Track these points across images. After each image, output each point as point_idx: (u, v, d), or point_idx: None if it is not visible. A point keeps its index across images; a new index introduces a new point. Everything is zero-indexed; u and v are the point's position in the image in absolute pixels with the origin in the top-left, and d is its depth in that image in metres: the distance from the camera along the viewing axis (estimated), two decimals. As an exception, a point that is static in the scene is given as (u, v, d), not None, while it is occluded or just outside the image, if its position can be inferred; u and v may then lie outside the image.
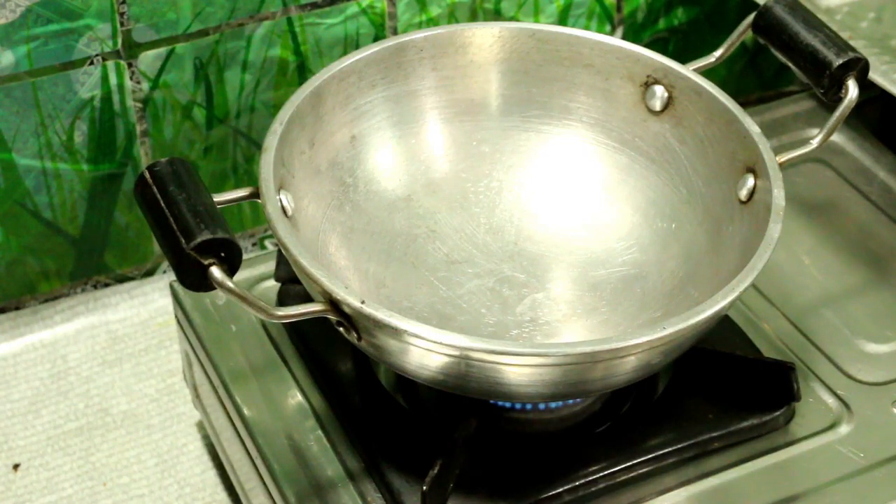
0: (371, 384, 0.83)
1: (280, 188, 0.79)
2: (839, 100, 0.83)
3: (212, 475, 0.95)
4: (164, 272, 1.06)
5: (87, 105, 0.97)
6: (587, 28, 1.08)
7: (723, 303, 0.72)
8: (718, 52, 0.89)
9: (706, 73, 0.88)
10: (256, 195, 0.78)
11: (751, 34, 0.88)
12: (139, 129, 0.99)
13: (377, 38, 1.03)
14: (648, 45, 0.96)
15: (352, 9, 1.01)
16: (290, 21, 0.99)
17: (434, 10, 1.04)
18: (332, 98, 0.86)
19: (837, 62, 0.83)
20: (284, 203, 0.79)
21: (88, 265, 1.04)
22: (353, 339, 0.74)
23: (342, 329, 0.74)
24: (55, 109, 0.96)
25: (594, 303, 0.85)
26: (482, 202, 0.90)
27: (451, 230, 0.88)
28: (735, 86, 1.18)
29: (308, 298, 0.76)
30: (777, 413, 0.82)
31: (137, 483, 0.94)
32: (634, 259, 0.87)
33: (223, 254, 0.70)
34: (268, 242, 1.09)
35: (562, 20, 1.08)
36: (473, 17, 1.05)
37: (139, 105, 0.98)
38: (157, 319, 1.04)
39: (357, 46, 1.02)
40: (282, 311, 0.72)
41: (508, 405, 0.81)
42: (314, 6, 1.00)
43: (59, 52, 0.94)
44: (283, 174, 0.80)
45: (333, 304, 0.72)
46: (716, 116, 0.84)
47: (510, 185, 0.91)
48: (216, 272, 0.69)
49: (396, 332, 0.70)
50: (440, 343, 0.70)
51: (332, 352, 0.86)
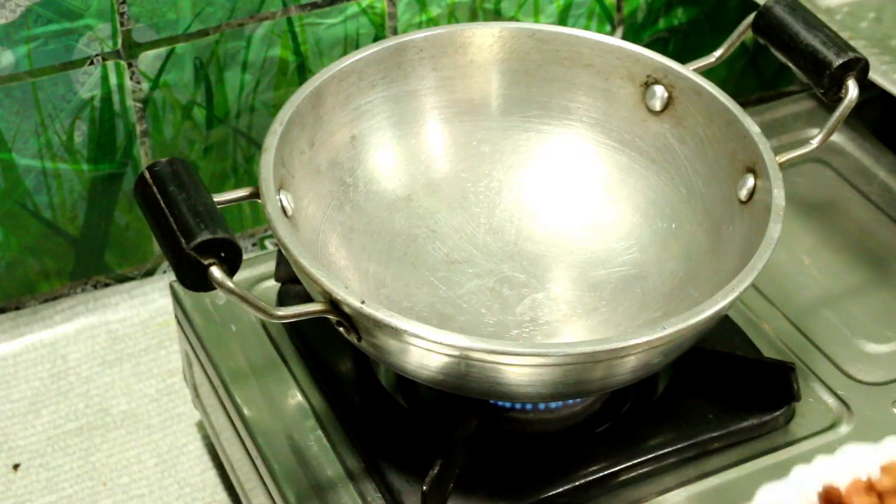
0: (371, 384, 0.83)
1: (280, 188, 0.79)
2: (839, 100, 0.83)
3: (212, 475, 0.95)
4: (164, 272, 1.06)
5: (87, 105, 0.97)
6: (587, 28, 1.08)
7: (723, 303, 0.72)
8: (718, 52, 0.89)
9: (706, 73, 0.88)
10: (256, 195, 0.78)
11: (751, 34, 0.88)
12: (139, 129, 0.99)
13: (377, 38, 1.03)
14: (648, 45, 0.96)
15: (352, 9, 1.01)
16: (290, 21, 0.99)
17: (434, 10, 1.04)
18: (332, 98, 0.86)
19: (837, 62, 0.83)
20: (284, 203, 0.79)
21: (88, 265, 1.04)
22: (353, 340, 0.74)
23: (342, 329, 0.74)
24: (55, 109, 0.96)
25: (594, 303, 0.85)
26: (482, 202, 0.90)
27: (451, 230, 0.88)
28: (735, 86, 1.18)
29: (308, 298, 0.76)
30: (777, 413, 0.82)
31: (137, 483, 0.94)
32: (634, 259, 0.87)
33: (223, 254, 0.70)
34: (268, 242, 1.09)
35: (562, 20, 1.08)
36: (473, 17, 1.05)
37: (139, 105, 0.98)
38: (157, 319, 1.04)
39: (357, 46, 1.02)
40: (282, 311, 0.72)
41: (508, 405, 0.81)
42: (314, 6, 1.00)
43: (59, 52, 0.94)
44: (283, 174, 0.80)
45: (333, 304, 0.72)
46: (716, 116, 0.84)
47: (510, 185, 0.91)
48: (216, 272, 0.69)
49: (396, 332, 0.70)
50: (440, 343, 0.70)
51: (332, 352, 0.86)
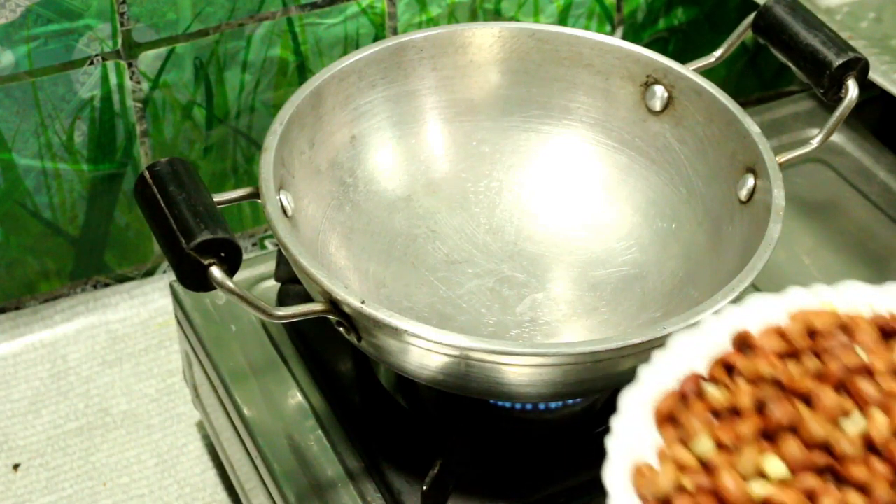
0: (371, 384, 0.83)
1: (280, 188, 0.79)
2: (839, 100, 0.83)
3: (212, 475, 0.95)
4: (164, 272, 1.06)
5: (87, 105, 0.97)
6: (587, 28, 1.08)
7: (723, 303, 0.72)
8: (718, 52, 0.89)
9: (706, 73, 0.88)
10: (256, 195, 0.78)
11: (751, 34, 0.88)
12: (139, 129, 0.99)
13: (377, 38, 1.03)
14: (648, 45, 0.96)
15: (352, 9, 1.01)
16: (290, 21, 0.99)
17: (434, 10, 1.04)
18: (332, 98, 0.86)
19: (837, 62, 0.83)
20: (284, 203, 0.79)
21: (88, 265, 1.04)
22: (353, 340, 0.74)
23: (342, 329, 0.74)
24: (55, 109, 0.96)
25: (594, 303, 0.85)
26: (482, 202, 0.90)
27: (451, 230, 0.88)
28: (735, 86, 1.18)
29: (308, 298, 0.76)
30: (777, 413, 0.82)
31: (137, 483, 0.94)
32: (634, 259, 0.87)
33: (223, 254, 0.70)
34: (268, 242, 1.09)
35: (562, 20, 1.08)
36: (473, 17, 1.05)
37: (139, 105, 0.98)
38: (157, 319, 1.04)
39: (357, 46, 1.02)
40: (282, 311, 0.72)
41: (508, 405, 0.81)
42: (314, 6, 1.00)
43: (59, 52, 0.94)
44: (283, 174, 0.80)
45: (333, 304, 0.72)
46: (716, 116, 0.84)
47: (510, 185, 0.91)
48: (216, 272, 0.69)
49: (396, 332, 0.70)
50: (440, 343, 0.70)
51: (332, 352, 0.86)
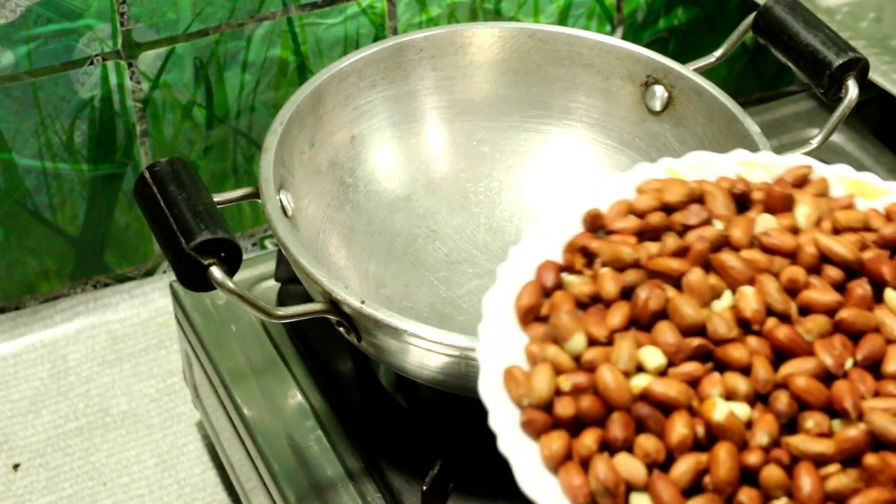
0: (371, 384, 0.83)
1: (280, 188, 0.79)
2: (839, 100, 0.83)
3: (212, 475, 0.95)
4: (164, 272, 1.06)
5: (87, 105, 0.97)
6: (587, 28, 1.08)
7: (723, 303, 0.72)
8: (718, 52, 0.89)
9: (706, 73, 0.88)
10: (256, 195, 0.78)
11: (751, 34, 0.88)
12: (139, 129, 0.99)
13: (377, 38, 1.03)
14: (648, 45, 0.96)
15: (352, 9, 1.01)
16: (290, 21, 0.99)
17: (434, 10, 1.04)
18: (332, 98, 0.86)
19: (837, 62, 0.83)
20: (284, 203, 0.79)
21: (88, 265, 1.04)
22: (353, 340, 0.74)
23: (342, 329, 0.74)
24: (55, 109, 0.96)
25: (594, 303, 0.85)
26: (482, 202, 0.90)
27: (451, 230, 0.88)
28: (735, 86, 1.18)
29: (308, 298, 0.76)
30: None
31: (137, 483, 0.94)
32: (634, 259, 0.86)
33: (223, 254, 0.70)
34: (268, 242, 1.09)
35: (562, 20, 1.08)
36: (473, 17, 1.05)
37: (139, 105, 0.98)
38: (157, 319, 1.04)
39: (357, 46, 1.02)
40: (282, 311, 0.72)
41: (508, 405, 0.81)
42: (314, 6, 1.00)
43: (59, 52, 0.94)
44: (283, 174, 0.80)
45: (333, 304, 0.72)
46: (716, 116, 0.84)
47: (510, 185, 0.91)
48: (216, 272, 0.69)
49: (396, 332, 0.70)
50: (440, 343, 0.70)
51: (332, 352, 0.86)
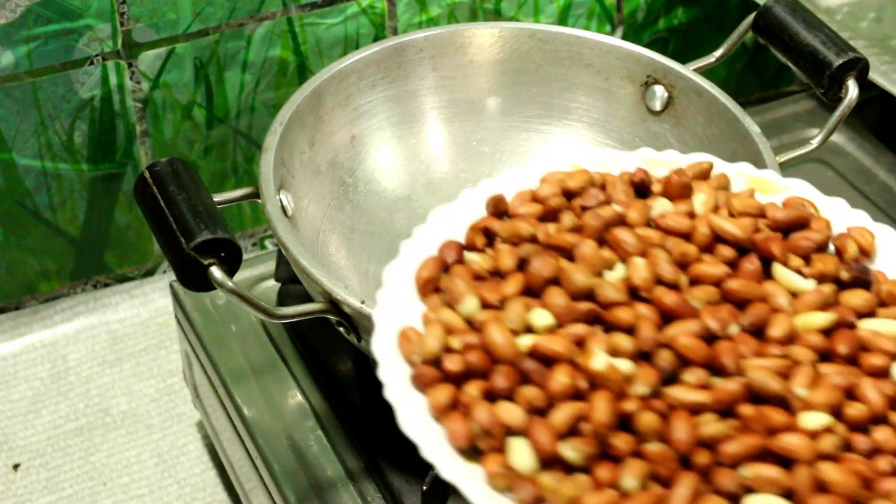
0: (371, 384, 0.83)
1: (280, 188, 0.79)
2: (839, 100, 0.83)
3: (212, 475, 0.95)
4: (165, 272, 1.06)
5: (87, 105, 0.97)
6: (587, 28, 1.08)
7: (723, 302, 0.72)
8: (718, 52, 0.89)
9: (706, 73, 0.88)
10: (256, 195, 0.78)
11: (751, 34, 0.88)
12: (139, 129, 0.99)
13: (377, 38, 1.03)
14: (648, 45, 0.96)
15: (352, 9, 1.01)
16: (290, 21, 0.99)
17: (434, 10, 1.04)
18: (332, 98, 0.86)
19: (837, 62, 0.83)
20: (284, 203, 0.79)
21: (88, 265, 1.04)
22: (353, 340, 0.74)
23: (342, 329, 0.74)
24: (55, 109, 0.96)
25: (594, 303, 0.85)
26: (482, 202, 0.90)
27: (451, 230, 0.88)
28: (735, 86, 1.18)
29: (308, 298, 0.76)
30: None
31: (137, 483, 0.94)
32: (634, 259, 0.86)
33: (223, 254, 0.70)
34: (268, 242, 1.09)
35: (562, 20, 1.08)
36: (473, 17, 1.05)
37: (139, 105, 0.98)
38: (157, 319, 1.04)
39: (357, 46, 1.02)
40: (282, 311, 0.72)
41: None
42: (314, 6, 1.00)
43: (59, 52, 0.94)
44: (283, 174, 0.80)
45: (333, 304, 0.72)
46: (716, 116, 0.84)
47: (510, 185, 0.91)
48: (216, 272, 0.69)
49: (396, 332, 0.70)
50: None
51: (332, 352, 0.86)
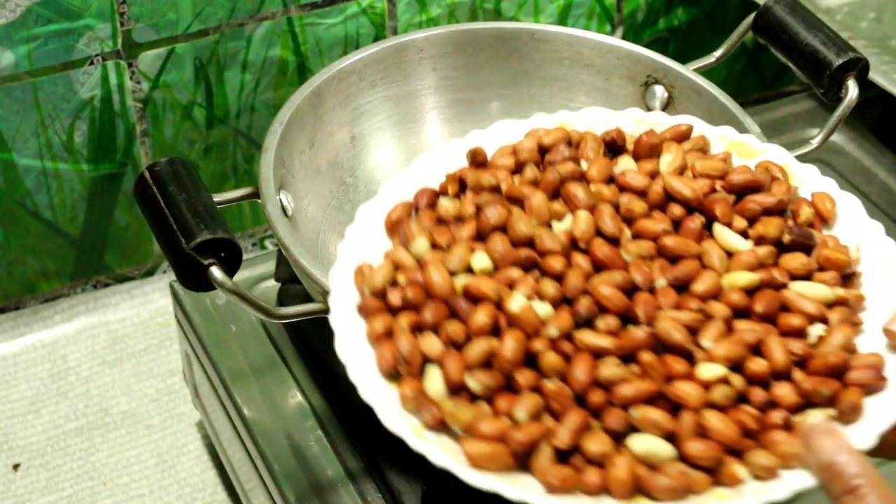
0: (371, 384, 0.83)
1: (280, 188, 0.79)
2: (839, 100, 0.83)
3: (212, 475, 0.95)
4: (165, 272, 1.06)
5: (87, 105, 0.97)
6: (587, 28, 1.08)
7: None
8: (718, 52, 0.89)
9: (706, 73, 0.88)
10: (256, 195, 0.78)
11: (751, 34, 0.88)
12: (139, 129, 0.99)
13: (377, 38, 1.03)
14: (648, 45, 0.96)
15: (352, 9, 1.01)
16: (290, 21, 0.99)
17: (434, 10, 1.04)
18: (332, 98, 0.86)
19: (837, 62, 0.83)
20: (284, 203, 0.79)
21: (88, 265, 1.04)
22: (353, 339, 0.74)
23: (342, 328, 0.74)
24: (55, 109, 0.96)
25: (594, 303, 0.85)
26: (482, 202, 0.90)
27: (451, 230, 0.88)
28: (735, 86, 1.18)
29: (308, 298, 0.76)
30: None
31: (137, 483, 0.94)
32: (634, 259, 0.87)
33: (223, 254, 0.70)
34: (268, 242, 1.09)
35: (562, 20, 1.08)
36: (473, 17, 1.05)
37: (139, 105, 0.98)
38: (157, 319, 1.04)
39: (357, 46, 1.02)
40: (282, 311, 0.72)
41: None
42: (314, 6, 1.00)
43: (60, 52, 0.94)
44: (283, 174, 0.80)
45: (333, 304, 0.72)
46: (716, 116, 0.84)
47: (510, 185, 0.91)
48: (216, 272, 0.69)
49: (396, 332, 0.70)
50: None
51: (332, 352, 0.85)
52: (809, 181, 0.68)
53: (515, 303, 0.60)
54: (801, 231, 0.64)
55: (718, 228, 0.64)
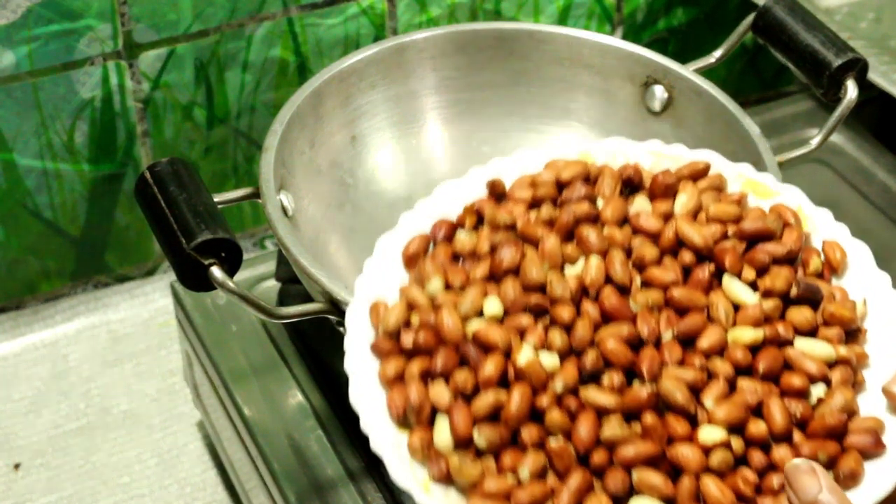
0: (371, 384, 0.83)
1: (280, 188, 0.79)
2: (838, 100, 0.83)
3: (212, 475, 0.95)
4: (165, 272, 1.07)
5: (88, 105, 0.97)
6: (587, 28, 1.09)
7: (722, 302, 0.72)
8: (718, 53, 0.89)
9: (706, 74, 0.88)
10: (257, 195, 0.78)
11: (750, 34, 0.88)
12: (140, 130, 0.99)
13: (377, 39, 1.03)
14: (648, 45, 0.96)
15: (352, 9, 1.01)
16: (291, 21, 1.00)
17: (434, 11, 1.04)
18: (333, 98, 0.86)
19: (837, 62, 0.83)
20: (285, 203, 0.79)
21: (89, 265, 1.04)
22: (354, 339, 0.74)
23: (342, 329, 0.74)
24: (56, 110, 0.96)
25: (594, 303, 0.85)
26: (482, 202, 0.90)
27: (451, 230, 0.88)
28: (735, 86, 1.18)
29: (308, 298, 0.76)
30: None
31: (138, 483, 0.94)
32: (634, 259, 0.87)
33: (224, 254, 0.70)
34: (268, 242, 1.09)
35: (562, 20, 1.08)
36: (473, 18, 1.05)
37: (140, 105, 0.98)
38: (158, 319, 1.04)
39: (357, 47, 1.02)
40: (282, 311, 0.72)
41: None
42: (314, 7, 1.00)
43: (60, 53, 0.94)
44: (284, 174, 0.80)
45: (333, 304, 0.72)
46: (716, 117, 0.84)
47: (510, 186, 0.91)
48: (217, 272, 0.69)
49: (396, 332, 0.70)
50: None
51: (332, 352, 0.85)
52: (822, 226, 0.69)
53: (523, 356, 0.61)
54: (809, 286, 0.64)
55: (727, 280, 0.65)
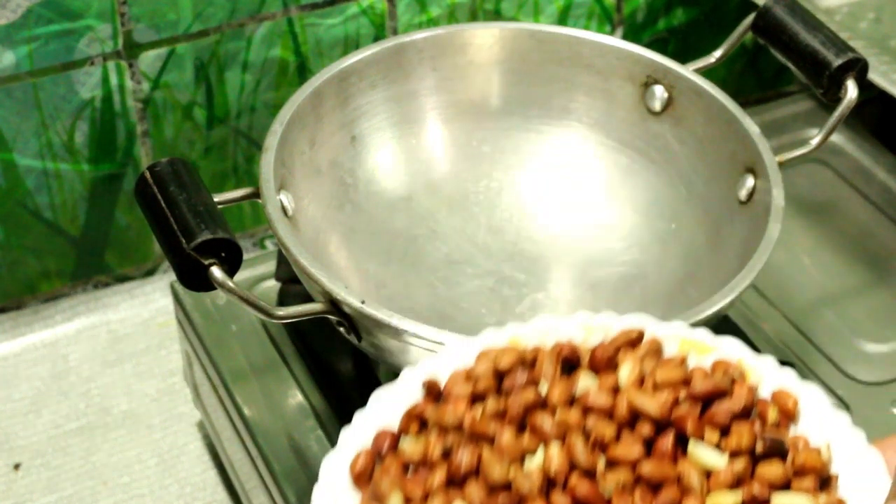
0: (371, 384, 0.83)
1: (280, 188, 0.79)
2: (839, 100, 0.83)
3: (212, 475, 0.95)
4: (165, 272, 1.07)
5: (88, 105, 0.97)
6: (587, 28, 1.09)
7: (722, 303, 0.72)
8: (718, 53, 0.89)
9: (706, 73, 0.88)
10: (257, 195, 0.78)
11: (750, 34, 0.88)
12: (140, 130, 0.99)
13: (377, 39, 1.03)
14: (648, 46, 0.96)
15: (352, 9, 1.01)
16: (291, 21, 1.00)
17: (434, 11, 1.04)
18: (333, 98, 0.86)
19: (837, 62, 0.83)
20: (285, 203, 0.79)
21: (89, 265, 1.04)
22: (353, 340, 0.74)
23: (342, 329, 0.74)
24: (56, 110, 0.96)
25: (594, 303, 0.85)
26: (482, 202, 0.90)
27: (451, 230, 0.88)
28: (735, 86, 1.18)
29: (308, 298, 0.76)
30: (776, 413, 0.82)
31: (138, 483, 0.94)
32: (634, 259, 0.87)
33: (224, 254, 0.70)
34: (268, 242, 1.09)
35: (562, 20, 1.08)
36: (473, 18, 1.05)
37: (140, 105, 0.98)
38: (158, 319, 1.04)
39: (357, 47, 1.02)
40: (282, 311, 0.72)
41: (508, 405, 0.81)
42: (314, 7, 1.00)
43: (60, 53, 0.94)
44: (284, 174, 0.80)
45: (334, 304, 0.72)
46: (715, 116, 0.84)
47: (510, 185, 0.91)
48: (217, 272, 0.69)
49: (396, 332, 0.70)
50: (440, 343, 0.70)
51: (332, 352, 0.86)
52: (767, 376, 0.66)
53: None
54: (773, 440, 0.62)
55: (692, 446, 0.62)
